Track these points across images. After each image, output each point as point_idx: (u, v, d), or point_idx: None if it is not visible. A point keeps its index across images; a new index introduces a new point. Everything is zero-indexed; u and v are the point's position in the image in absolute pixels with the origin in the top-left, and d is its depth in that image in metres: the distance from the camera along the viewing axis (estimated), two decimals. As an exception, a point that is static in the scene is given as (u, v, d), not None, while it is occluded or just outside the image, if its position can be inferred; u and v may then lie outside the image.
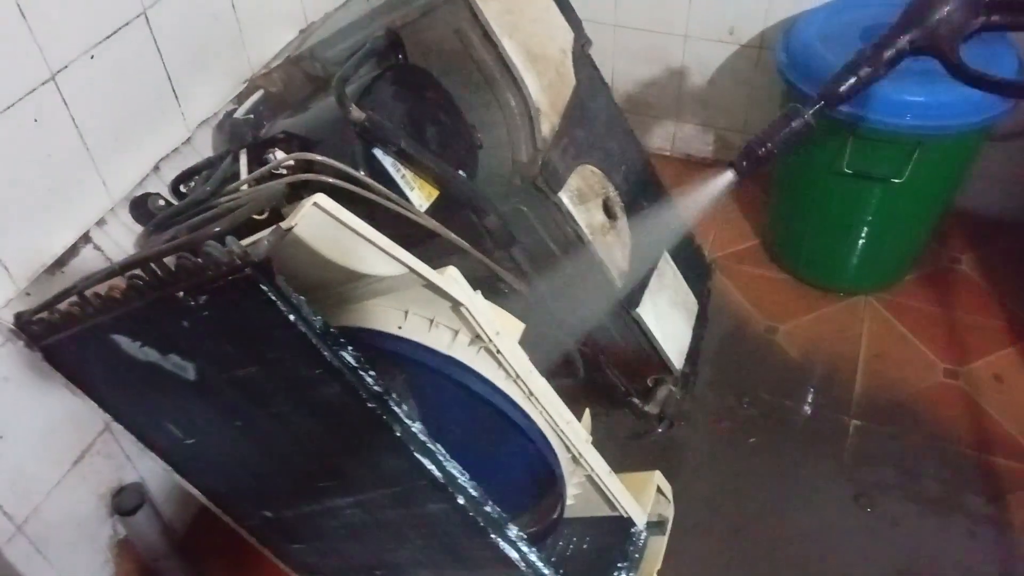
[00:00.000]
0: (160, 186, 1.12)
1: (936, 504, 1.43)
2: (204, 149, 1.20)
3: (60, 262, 1.01)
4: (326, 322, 0.75)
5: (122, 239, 1.08)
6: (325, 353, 0.74)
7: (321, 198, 0.74)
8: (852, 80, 0.95)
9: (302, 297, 0.74)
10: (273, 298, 0.71)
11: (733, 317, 1.79)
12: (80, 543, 1.19)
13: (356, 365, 0.76)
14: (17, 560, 1.08)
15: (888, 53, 0.93)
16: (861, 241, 1.69)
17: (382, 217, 0.89)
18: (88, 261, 1.04)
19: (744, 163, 1.00)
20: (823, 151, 1.56)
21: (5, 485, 1.04)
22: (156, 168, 1.12)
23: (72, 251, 1.03)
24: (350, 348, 0.76)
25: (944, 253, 1.89)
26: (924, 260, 1.85)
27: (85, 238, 1.04)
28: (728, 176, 1.05)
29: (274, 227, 0.72)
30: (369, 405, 0.77)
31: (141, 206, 1.08)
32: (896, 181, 1.51)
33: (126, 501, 1.22)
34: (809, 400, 1.62)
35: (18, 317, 0.94)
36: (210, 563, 1.39)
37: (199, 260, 0.72)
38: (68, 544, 1.17)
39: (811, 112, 0.97)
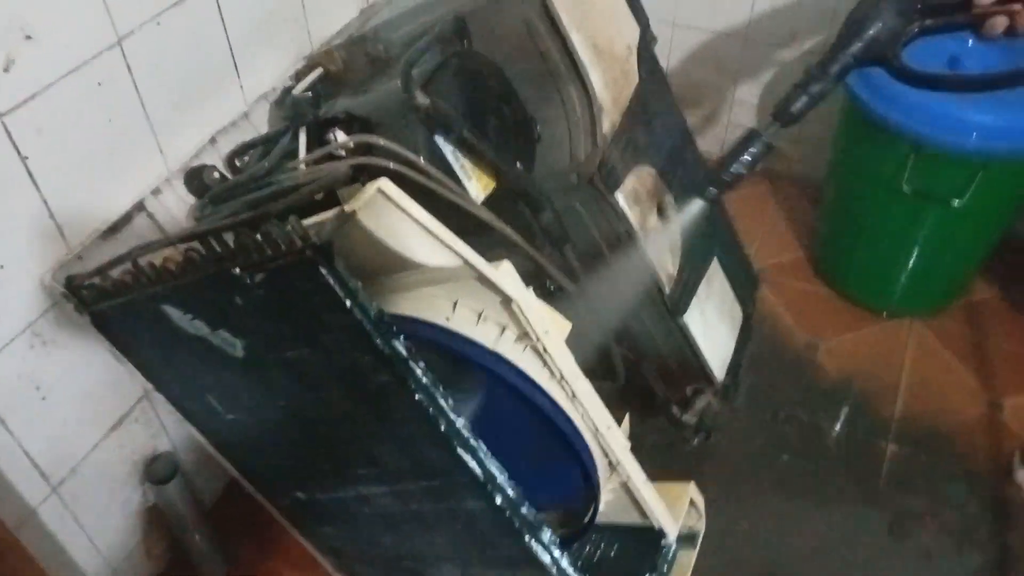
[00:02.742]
0: (215, 158, 1.12)
1: (971, 538, 1.40)
2: (261, 124, 1.19)
3: (113, 228, 1.01)
4: (381, 310, 0.74)
5: (175, 209, 1.07)
6: (378, 341, 0.73)
7: (386, 184, 0.73)
8: (804, 98, 0.98)
9: (359, 283, 0.73)
10: (331, 282, 0.70)
11: (773, 330, 1.76)
12: (111, 508, 1.20)
13: (407, 356, 0.75)
14: (50, 520, 1.09)
15: (834, 68, 0.97)
16: (912, 262, 1.65)
17: (437, 205, 0.88)
18: (140, 229, 1.04)
19: (711, 190, 1.03)
20: (882, 167, 1.52)
21: (44, 446, 1.05)
22: (213, 140, 1.12)
23: (126, 218, 1.03)
24: (402, 337, 0.75)
25: (997, 281, 1.84)
26: (976, 286, 1.80)
27: (139, 206, 1.04)
28: (697, 203, 1.06)
29: (337, 210, 0.71)
30: (417, 397, 0.76)
31: (196, 178, 1.07)
32: (956, 203, 1.47)
33: (159, 470, 1.23)
34: (845, 421, 1.59)
35: (69, 280, 0.94)
36: (235, 537, 1.39)
37: (259, 238, 0.71)
38: (100, 508, 1.18)
39: (769, 133, 1.00)
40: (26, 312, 0.96)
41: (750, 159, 1.00)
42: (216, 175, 1.09)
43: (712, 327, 1.29)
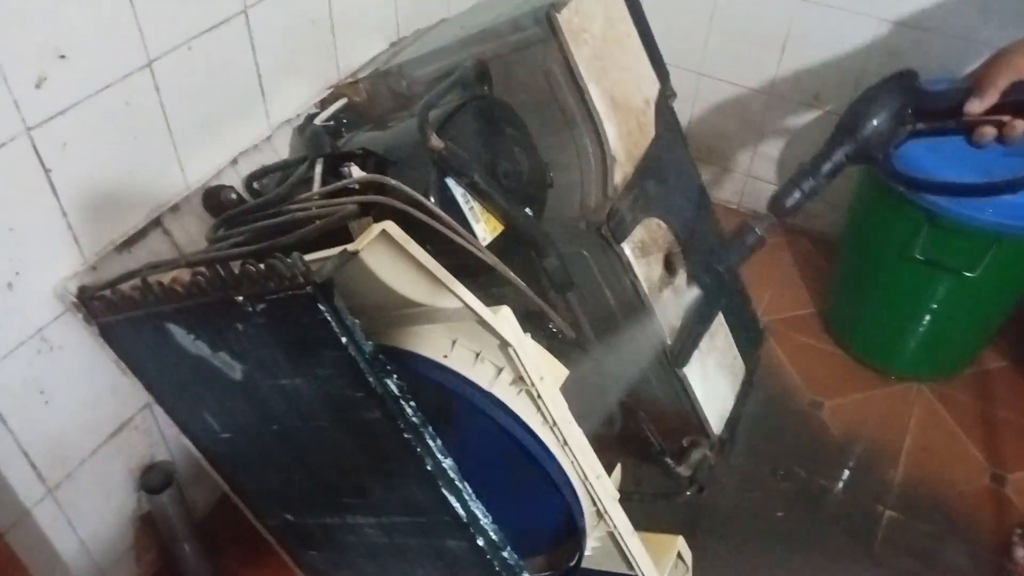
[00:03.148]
0: (235, 179, 1.15)
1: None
2: (282, 148, 1.22)
3: (129, 242, 1.04)
4: (376, 348, 0.75)
5: (191, 226, 1.10)
6: (370, 379, 0.75)
7: (390, 227, 0.75)
8: (797, 194, 1.00)
9: (356, 321, 0.74)
10: (329, 318, 0.72)
11: (778, 385, 1.76)
12: (105, 513, 1.22)
13: (399, 394, 0.77)
14: (44, 522, 1.11)
15: (827, 167, 0.99)
16: (922, 328, 1.65)
17: (443, 244, 0.90)
18: (156, 244, 1.07)
19: (706, 278, 1.08)
20: (896, 234, 1.52)
21: (44, 449, 1.07)
22: (234, 161, 1.15)
23: (141, 233, 1.05)
24: (395, 376, 0.77)
25: (1008, 352, 1.83)
26: (986, 356, 1.79)
27: (156, 222, 1.06)
28: (694, 291, 1.12)
29: (340, 250, 0.73)
30: (405, 435, 0.78)
31: (214, 197, 1.10)
32: (968, 275, 1.47)
33: (154, 479, 1.24)
34: (845, 482, 1.58)
35: (81, 291, 0.97)
36: (225, 551, 1.40)
37: (263, 269, 0.73)
38: (94, 513, 1.19)
39: (763, 228, 1.03)
40: (37, 318, 0.99)
41: (742, 251, 1.04)
42: (233, 196, 1.11)
43: (712, 381, 1.29)
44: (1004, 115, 0.91)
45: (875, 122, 0.96)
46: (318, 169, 0.99)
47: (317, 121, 1.18)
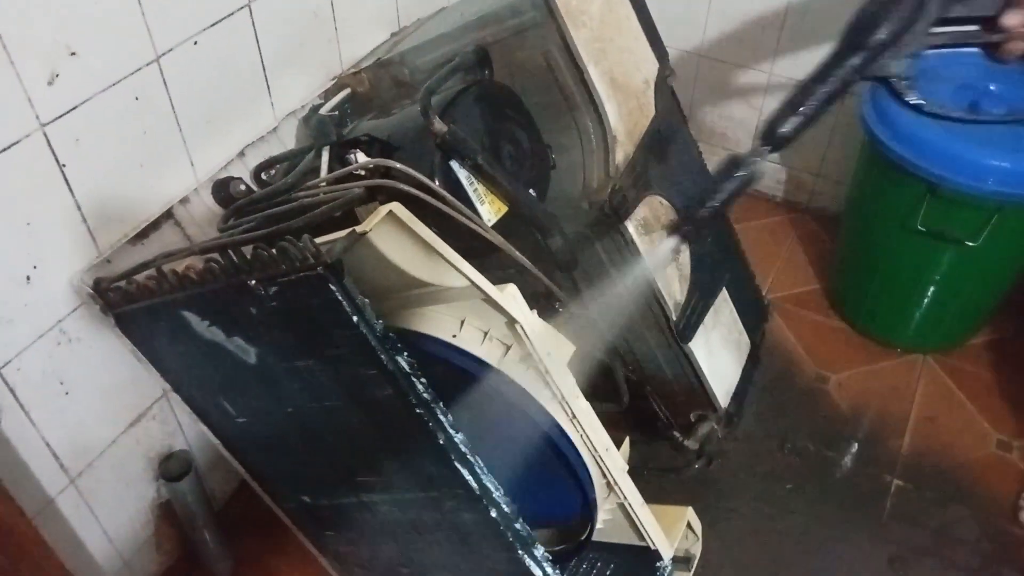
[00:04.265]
0: (243, 171, 1.17)
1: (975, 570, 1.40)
2: (288, 140, 1.24)
3: (142, 234, 1.06)
4: (386, 326, 0.77)
5: (201, 218, 1.12)
6: (382, 356, 0.77)
7: (397, 207, 0.77)
8: (794, 120, 0.86)
9: (366, 300, 0.76)
10: (340, 298, 0.74)
11: (785, 360, 1.77)
12: (126, 502, 1.25)
13: (409, 371, 0.79)
14: (67, 511, 1.13)
15: (830, 84, 0.84)
16: (927, 300, 1.66)
17: (450, 226, 0.92)
18: (168, 235, 1.09)
19: (687, 227, 0.92)
20: (898, 205, 1.53)
21: (66, 439, 1.09)
22: (241, 153, 1.17)
23: (154, 225, 1.07)
24: (405, 354, 0.79)
25: (1011, 321, 1.84)
26: (990, 326, 1.80)
27: (167, 214, 1.09)
28: (671, 243, 0.97)
29: (349, 231, 0.75)
30: (417, 411, 0.80)
31: (223, 189, 1.12)
32: (971, 244, 1.48)
33: (173, 467, 1.27)
34: (853, 454, 1.60)
35: (97, 283, 0.99)
36: (244, 537, 1.43)
37: (275, 254, 0.75)
38: (115, 501, 1.22)
39: (755, 161, 0.89)
40: (55, 311, 1.01)
41: (732, 190, 0.90)
42: (242, 187, 1.13)
43: (717, 355, 1.31)
44: None
45: (891, 27, 0.80)
46: (325, 157, 1.01)
47: (322, 112, 1.20)
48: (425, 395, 0.79)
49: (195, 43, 1.05)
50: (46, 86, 0.88)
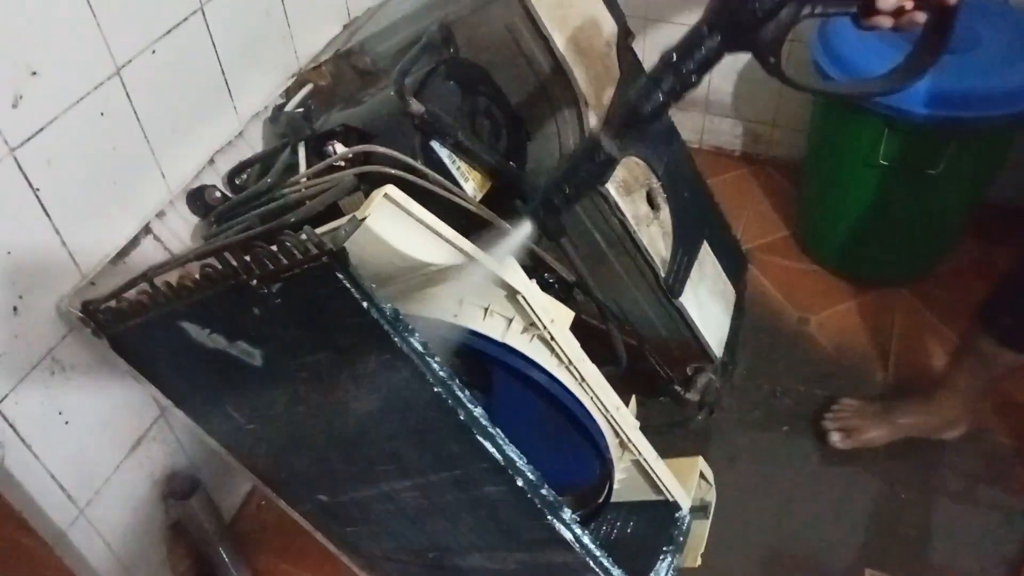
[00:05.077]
0: (215, 178, 1.15)
1: (973, 496, 1.45)
2: (256, 142, 1.22)
3: (123, 253, 1.04)
4: (396, 309, 0.77)
5: (181, 231, 1.10)
6: (395, 339, 0.77)
7: (392, 189, 0.77)
8: (657, 97, 0.77)
9: (373, 285, 0.76)
10: (348, 286, 0.73)
11: (765, 308, 1.81)
12: (137, 527, 1.23)
13: (424, 351, 0.79)
14: (80, 542, 1.12)
15: (696, 60, 0.77)
16: (894, 232, 1.70)
17: (437, 207, 0.92)
18: (148, 252, 1.07)
19: (543, 212, 0.83)
20: (858, 143, 1.57)
21: (70, 470, 1.07)
22: (211, 161, 1.15)
23: (134, 242, 1.05)
24: (417, 335, 0.79)
25: (977, 244, 1.89)
26: (957, 251, 1.85)
27: (146, 229, 1.07)
28: (527, 228, 0.87)
29: (349, 217, 0.75)
30: (436, 390, 0.80)
31: (198, 198, 1.11)
32: (932, 172, 1.52)
33: (179, 486, 1.25)
34: (841, 390, 1.64)
35: (86, 305, 0.97)
36: (260, 548, 1.42)
37: (275, 249, 0.75)
38: (126, 528, 1.20)
39: (612, 144, 0.79)
40: (45, 340, 0.99)
41: (589, 173, 0.81)
42: (218, 194, 1.12)
43: (707, 307, 1.33)
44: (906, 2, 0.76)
45: (773, 7, 0.73)
46: (302, 152, 1.01)
47: (287, 110, 1.19)
48: (441, 373, 0.79)
49: (153, 52, 1.03)
50: (11, 109, 0.86)
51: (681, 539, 1.10)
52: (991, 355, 1.35)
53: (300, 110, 1.20)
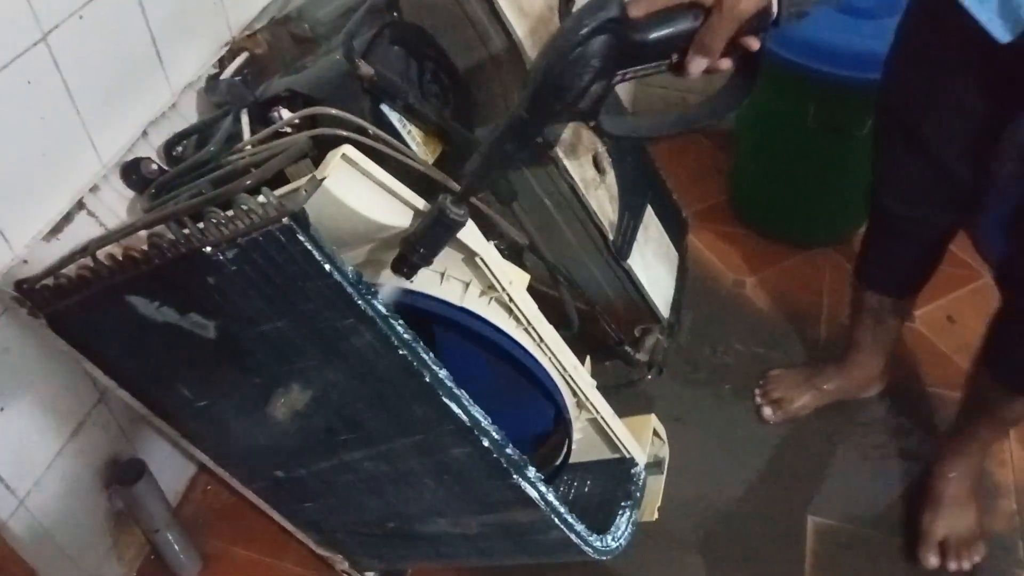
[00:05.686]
0: (149, 151, 1.10)
1: (903, 446, 1.52)
2: (190, 113, 1.18)
3: (56, 229, 0.99)
4: (358, 271, 0.76)
5: (116, 206, 1.06)
6: (359, 302, 0.76)
7: (349, 149, 0.76)
8: (482, 176, 0.81)
9: (335, 247, 0.75)
10: (310, 248, 0.72)
11: (703, 271, 1.86)
12: (80, 516, 1.19)
13: (387, 314, 0.78)
14: (22, 533, 1.07)
15: (521, 138, 0.79)
16: (824, 194, 1.76)
17: (391, 171, 0.90)
18: (83, 228, 1.02)
19: (405, 268, 0.85)
20: (787, 109, 1.62)
21: (8, 458, 1.03)
22: (144, 133, 1.10)
23: (67, 218, 1.00)
24: (379, 297, 0.78)
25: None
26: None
27: (79, 204, 1.02)
28: (394, 282, 0.89)
29: (308, 177, 0.73)
30: (400, 352, 0.79)
31: (134, 171, 1.06)
32: (857, 135, 1.58)
33: (125, 473, 1.21)
34: (777, 347, 1.70)
35: (19, 284, 0.92)
36: (209, 532, 1.39)
37: (231, 214, 0.72)
38: (68, 517, 1.16)
39: (457, 211, 0.81)
40: (-24, 323, 0.94)
41: (440, 234, 0.82)
42: (154, 167, 1.08)
43: (654, 269, 1.35)
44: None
45: (588, 86, 0.72)
46: (245, 120, 0.97)
47: (223, 78, 1.14)
48: (406, 335, 0.79)
49: (80, 17, 0.98)
50: (-70, 78, 0.81)
51: (638, 494, 1.12)
52: (878, 307, 1.43)
53: (236, 79, 1.16)
